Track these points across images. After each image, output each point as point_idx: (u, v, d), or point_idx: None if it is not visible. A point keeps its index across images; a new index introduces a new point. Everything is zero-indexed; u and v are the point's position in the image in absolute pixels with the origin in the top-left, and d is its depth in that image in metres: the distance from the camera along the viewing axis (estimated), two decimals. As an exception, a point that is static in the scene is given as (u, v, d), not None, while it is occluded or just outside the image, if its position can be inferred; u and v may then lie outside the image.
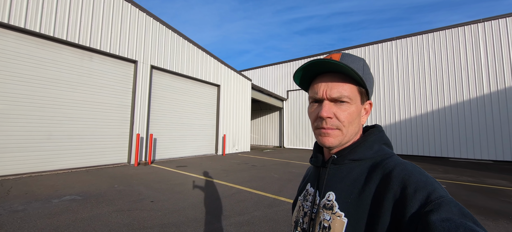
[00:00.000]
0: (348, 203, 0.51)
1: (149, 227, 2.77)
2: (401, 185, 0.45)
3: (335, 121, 0.53)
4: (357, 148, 0.56)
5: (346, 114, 0.53)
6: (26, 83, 5.48)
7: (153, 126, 8.21)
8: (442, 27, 12.11)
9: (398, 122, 12.94)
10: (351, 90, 0.53)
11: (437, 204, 0.39)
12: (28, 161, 5.41)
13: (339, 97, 0.53)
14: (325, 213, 0.53)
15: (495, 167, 8.56)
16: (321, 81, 0.55)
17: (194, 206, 3.56)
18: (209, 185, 4.92)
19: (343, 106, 0.53)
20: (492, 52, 10.84)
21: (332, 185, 0.56)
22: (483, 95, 10.86)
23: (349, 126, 0.54)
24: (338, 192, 0.54)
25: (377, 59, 13.96)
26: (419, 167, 0.48)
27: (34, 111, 5.57)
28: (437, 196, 0.40)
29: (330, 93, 0.53)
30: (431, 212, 0.38)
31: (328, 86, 0.53)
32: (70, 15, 6.14)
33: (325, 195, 0.56)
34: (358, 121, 0.56)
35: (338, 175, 0.56)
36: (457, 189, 5.07)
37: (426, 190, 0.42)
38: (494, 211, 3.63)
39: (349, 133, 0.55)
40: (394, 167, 0.49)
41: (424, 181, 0.43)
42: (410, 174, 0.45)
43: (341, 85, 0.53)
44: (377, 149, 0.55)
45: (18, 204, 3.42)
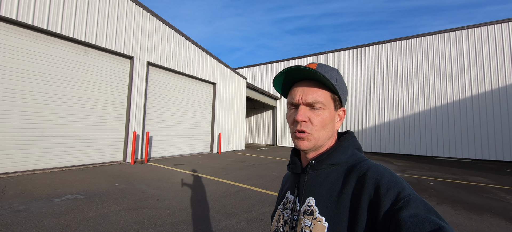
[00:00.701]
0: (328, 207, 0.53)
1: (161, 225, 2.81)
2: (375, 185, 0.48)
3: (309, 124, 0.56)
4: (334, 152, 0.58)
5: (319, 119, 0.56)
6: (18, 78, 5.25)
7: (149, 124, 8.09)
8: (429, 33, 12.73)
9: (387, 122, 13.50)
10: (325, 97, 0.57)
11: (406, 201, 0.43)
12: (20, 159, 5.20)
13: (313, 102, 0.56)
14: (306, 219, 0.54)
15: (475, 165, 9.19)
16: (298, 87, 0.58)
17: (200, 204, 3.62)
18: (211, 183, 4.98)
19: (317, 111, 0.56)
20: (474, 58, 11.56)
21: (312, 190, 0.58)
22: (465, 98, 11.57)
23: (321, 130, 0.56)
24: (318, 197, 0.55)
25: (367, 62, 14.44)
26: (389, 169, 0.52)
27: (26, 107, 5.35)
28: (406, 194, 0.44)
29: (305, 98, 0.56)
30: (401, 209, 0.42)
31: (304, 91, 0.57)
32: (65, 8, 5.91)
33: (305, 201, 0.57)
34: (331, 126, 0.58)
35: (316, 180, 0.58)
36: (444, 186, 5.43)
37: (396, 189, 0.46)
38: (478, 206, 3.96)
39: (322, 137, 0.57)
40: (368, 169, 0.52)
41: (394, 181, 0.47)
42: (382, 175, 0.49)
43: (316, 91, 0.56)
44: (351, 153, 0.58)
45: (18, 203, 3.32)
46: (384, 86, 13.77)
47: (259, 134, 19.00)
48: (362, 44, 14.72)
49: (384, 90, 13.74)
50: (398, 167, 8.25)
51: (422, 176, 6.67)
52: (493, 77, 11.12)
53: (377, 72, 14.06)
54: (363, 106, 14.33)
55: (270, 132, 18.34)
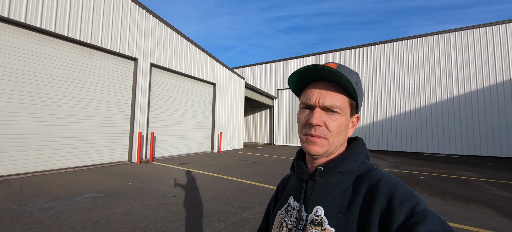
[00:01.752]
0: (338, 218, 0.50)
1: (184, 218, 3.05)
2: (388, 197, 0.46)
3: (324, 129, 0.53)
4: (344, 160, 0.55)
5: (335, 125, 0.53)
6: (26, 80, 5.32)
7: (152, 124, 8.23)
8: (419, 35, 13.35)
9: (380, 120, 14.08)
10: (343, 102, 0.54)
11: (422, 217, 0.41)
12: (30, 160, 5.29)
13: (331, 107, 0.53)
14: (314, 229, 0.51)
15: (462, 161, 9.82)
16: (315, 88, 0.55)
17: (215, 200, 3.87)
18: (219, 181, 5.23)
19: (333, 116, 0.53)
20: (461, 60, 12.25)
21: (320, 199, 0.54)
22: (452, 98, 12.26)
23: (336, 136, 0.54)
24: (327, 206, 0.53)
25: (362, 62, 14.97)
26: (402, 180, 0.50)
27: (34, 109, 5.42)
28: (421, 209, 0.42)
29: (323, 102, 0.53)
30: (416, 224, 0.40)
31: (321, 94, 0.53)
32: (71, 10, 5.98)
33: (313, 209, 0.54)
34: (345, 133, 0.56)
35: (325, 188, 0.55)
36: (434, 180, 5.89)
37: (411, 202, 0.44)
38: (466, 197, 4.39)
39: (335, 144, 0.54)
40: (380, 179, 0.50)
41: (409, 194, 0.45)
42: (396, 187, 0.47)
43: (334, 95, 0.53)
44: (361, 161, 0.56)
45: (42, 202, 3.48)
46: (377, 86, 14.33)
47: (256, 133, 19.30)
48: (356, 45, 15.24)
49: (377, 90, 14.30)
50: (392, 163, 8.73)
51: (414, 171, 7.14)
52: (478, 78, 11.83)
53: (371, 72, 14.61)
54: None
55: (267, 130, 18.66)
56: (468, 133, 11.80)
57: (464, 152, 11.82)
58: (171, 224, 2.88)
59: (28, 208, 3.22)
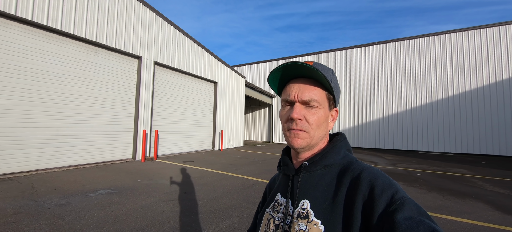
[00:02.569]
0: (324, 210, 0.52)
1: (200, 213, 3.19)
2: (369, 187, 0.48)
3: (304, 123, 0.55)
4: (328, 153, 0.58)
5: (315, 118, 0.55)
6: (33, 78, 5.33)
7: (155, 122, 8.29)
8: (416, 36, 13.66)
9: (377, 119, 14.39)
10: (321, 96, 0.56)
11: (400, 204, 0.43)
12: (37, 157, 5.32)
13: (309, 101, 0.55)
14: (301, 222, 0.53)
15: (455, 158, 10.18)
16: (294, 84, 0.57)
17: (226, 196, 4.01)
18: (226, 178, 5.36)
19: (312, 109, 0.55)
20: (456, 60, 12.60)
21: (306, 192, 0.56)
22: (447, 97, 12.62)
23: (316, 129, 0.56)
24: (313, 199, 0.54)
25: (359, 62, 15.23)
26: (382, 171, 0.52)
27: (41, 107, 5.44)
28: (400, 196, 0.45)
29: (301, 96, 0.55)
30: (396, 211, 0.43)
31: (300, 89, 0.56)
32: (77, 8, 5.99)
33: (299, 203, 0.56)
34: (325, 126, 0.58)
35: (310, 182, 0.57)
36: (431, 177, 6.14)
37: (390, 191, 0.46)
38: (461, 193, 4.64)
39: (316, 136, 0.56)
40: (362, 171, 0.52)
41: (388, 183, 0.48)
42: (377, 177, 0.49)
43: (312, 89, 0.56)
44: (344, 154, 0.58)
45: (57, 198, 3.56)
46: (374, 86, 14.62)
47: (255, 131, 19.45)
48: (354, 46, 15.49)
49: (374, 89, 14.60)
50: (389, 161, 9.00)
51: (411, 168, 7.41)
52: (472, 79, 12.21)
53: (368, 72, 14.89)
54: (355, 104, 15.14)
55: (266, 129, 18.84)
56: (462, 131, 12.19)
57: (458, 150, 12.22)
58: (189, 218, 3.02)
59: (45, 204, 3.31)
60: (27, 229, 2.57)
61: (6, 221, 2.74)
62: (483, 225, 3.05)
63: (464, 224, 3.11)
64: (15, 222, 2.72)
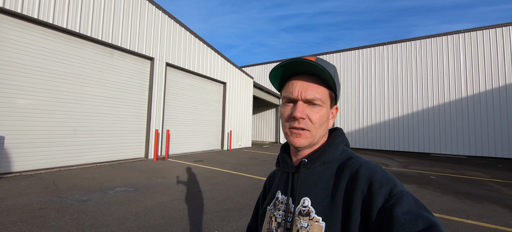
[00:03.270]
0: (324, 207, 0.52)
1: (216, 211, 3.25)
2: (368, 182, 0.48)
3: (307, 122, 0.54)
4: (326, 150, 0.57)
5: (318, 117, 0.54)
6: (53, 79, 5.55)
7: (167, 122, 8.45)
8: (428, 35, 13.37)
9: (387, 120, 14.16)
10: (324, 94, 0.55)
11: (399, 198, 0.43)
12: (57, 155, 5.53)
13: (313, 99, 0.54)
14: (302, 220, 0.53)
15: (470, 161, 9.90)
16: (297, 81, 0.56)
17: (239, 195, 4.07)
18: (237, 178, 5.42)
19: (315, 108, 0.54)
20: (470, 60, 12.26)
21: (306, 190, 0.56)
22: (461, 98, 12.29)
23: (319, 128, 0.55)
24: (313, 196, 0.54)
25: (369, 63, 15.03)
26: (380, 165, 0.52)
27: (59, 107, 5.66)
28: (398, 191, 0.45)
29: (305, 95, 0.54)
30: (394, 205, 0.43)
31: (303, 87, 0.54)
32: (94, 11, 6.20)
33: (300, 201, 0.55)
34: (326, 124, 0.57)
35: (310, 179, 0.56)
36: (445, 180, 6.01)
37: (389, 185, 0.46)
38: (478, 196, 4.53)
39: (318, 135, 0.56)
40: (360, 166, 0.52)
41: (387, 177, 0.48)
42: (375, 172, 0.49)
43: (315, 87, 0.54)
44: (342, 149, 0.58)
45: (78, 195, 3.71)
46: (384, 86, 14.39)
47: (263, 132, 19.48)
48: (363, 46, 15.30)
49: (384, 90, 14.37)
50: (400, 163, 8.85)
51: (423, 171, 7.27)
52: (487, 79, 11.85)
53: (378, 73, 14.67)
54: (364, 105, 14.94)
55: (273, 129, 18.84)
56: (476, 133, 11.85)
57: (472, 152, 11.87)
58: (205, 216, 3.08)
59: (68, 200, 3.45)
60: (54, 223, 2.70)
61: (33, 215, 2.88)
62: (503, 230, 2.98)
63: (484, 228, 3.05)
64: (42, 216, 2.86)
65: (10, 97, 4.87)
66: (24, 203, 3.26)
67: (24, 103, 5.07)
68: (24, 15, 4.99)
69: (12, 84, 4.90)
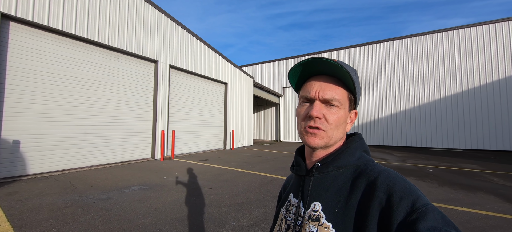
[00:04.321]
0: (336, 213, 0.50)
1: (229, 206, 3.49)
2: (387, 193, 0.45)
3: (323, 122, 0.53)
4: (341, 154, 0.55)
5: (335, 118, 0.53)
6: (63, 84, 5.73)
7: (171, 123, 8.65)
8: (424, 32, 13.68)
9: (385, 116, 14.49)
10: (343, 95, 0.54)
11: (423, 212, 0.40)
12: (69, 157, 5.73)
13: (330, 100, 0.53)
14: (311, 224, 0.52)
15: (466, 154, 10.25)
16: (315, 81, 0.55)
17: (248, 191, 4.31)
18: (244, 175, 5.66)
19: (333, 109, 0.53)
20: (465, 56, 12.60)
21: (317, 194, 0.55)
22: (456, 93, 12.65)
23: (335, 129, 0.54)
24: (324, 201, 0.53)
25: (366, 60, 15.32)
26: (401, 175, 0.48)
27: (70, 110, 5.84)
28: (422, 204, 0.42)
29: (322, 94, 0.53)
30: (418, 220, 0.39)
31: (321, 87, 0.54)
32: (100, 17, 6.37)
33: (311, 205, 0.55)
34: (343, 127, 0.56)
35: (323, 184, 0.55)
36: (441, 172, 6.31)
37: (411, 197, 0.43)
38: (472, 186, 4.82)
39: (334, 137, 0.55)
40: (379, 175, 0.49)
41: (408, 188, 0.45)
42: (395, 182, 0.46)
43: (334, 88, 0.54)
44: (359, 155, 0.56)
45: (98, 194, 3.92)
46: (382, 83, 14.70)
47: (263, 130, 19.74)
48: (360, 44, 15.58)
49: (382, 86, 14.69)
50: (399, 158, 9.16)
51: (421, 164, 7.57)
52: (481, 75, 12.20)
53: (376, 70, 14.98)
54: (363, 102, 15.25)
55: (274, 128, 19.10)
56: (471, 127, 12.22)
57: (468, 146, 12.25)
58: (220, 210, 3.32)
59: (89, 199, 3.66)
60: (83, 219, 2.91)
61: (61, 213, 3.09)
62: (494, 215, 3.26)
63: (476, 214, 3.32)
64: (70, 213, 3.07)
65: (24, 102, 5.05)
66: (48, 202, 3.46)
67: (38, 107, 5.25)
68: (34, 23, 5.16)
69: (26, 89, 5.08)
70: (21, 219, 2.86)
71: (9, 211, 3.10)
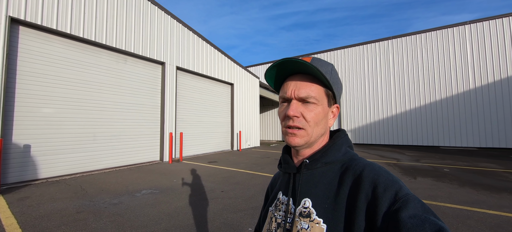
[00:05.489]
0: (326, 208, 0.51)
1: (244, 210, 3.37)
2: (372, 185, 0.47)
3: (301, 120, 0.54)
4: (328, 150, 0.57)
5: (312, 115, 0.54)
6: (72, 87, 5.71)
7: (179, 124, 8.60)
8: (433, 28, 13.32)
9: (395, 115, 14.16)
10: (319, 92, 0.55)
11: (404, 201, 0.43)
12: (79, 161, 5.71)
13: (306, 97, 0.54)
14: (303, 221, 0.52)
15: (481, 153, 9.89)
16: (291, 81, 0.56)
17: (261, 193, 4.18)
18: (254, 177, 5.54)
19: (309, 106, 0.54)
20: (477, 52, 12.21)
21: (307, 191, 0.55)
22: (469, 90, 12.25)
23: (315, 126, 0.55)
24: (314, 197, 0.54)
25: (374, 57, 15.02)
26: (384, 167, 0.51)
27: (80, 114, 5.82)
28: (403, 194, 0.44)
29: (298, 93, 0.54)
30: (400, 209, 0.42)
31: (297, 86, 0.55)
32: (108, 20, 6.35)
33: (301, 202, 0.55)
34: (324, 123, 0.57)
35: (312, 180, 0.56)
36: (459, 172, 6.06)
37: (394, 188, 0.45)
38: (495, 187, 4.58)
39: (315, 134, 0.55)
40: (364, 168, 0.51)
41: (391, 180, 0.47)
42: (379, 175, 0.48)
43: (309, 85, 0.54)
44: (345, 151, 0.57)
45: (109, 198, 3.85)
46: (391, 81, 14.38)
47: (269, 131, 19.59)
48: (367, 41, 15.28)
49: (391, 85, 14.36)
50: (411, 157, 8.89)
51: (436, 164, 7.31)
52: (495, 70, 11.79)
53: (384, 68, 14.66)
54: (372, 101, 14.95)
55: (280, 128, 18.92)
56: (485, 125, 11.81)
57: (482, 144, 11.84)
58: (234, 215, 3.20)
59: (100, 204, 3.59)
60: (95, 225, 2.84)
61: (73, 219, 3.02)
62: (527, 219, 3.05)
63: (506, 217, 3.12)
64: (82, 220, 3.00)
65: (35, 106, 5.04)
66: (60, 207, 3.41)
67: (48, 112, 5.24)
68: (43, 27, 5.15)
69: (36, 93, 5.07)
70: (33, 226, 2.80)
71: (21, 217, 3.04)
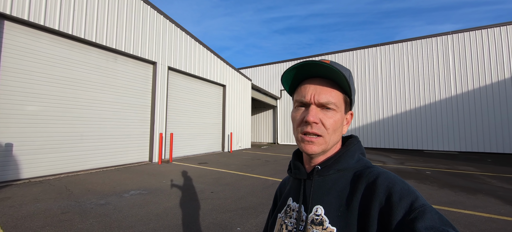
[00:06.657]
0: (339, 216, 0.50)
1: (233, 210, 3.41)
2: (386, 193, 0.46)
3: (320, 126, 0.52)
4: (341, 157, 0.55)
5: (332, 122, 0.52)
6: (59, 85, 5.57)
7: (170, 125, 8.52)
8: (419, 37, 13.94)
9: (381, 119, 14.63)
10: (338, 98, 0.53)
11: (421, 212, 0.41)
12: (65, 161, 5.55)
13: (326, 103, 0.52)
14: (315, 229, 0.51)
15: (462, 157, 10.40)
16: (310, 84, 0.54)
17: (251, 195, 4.23)
18: (245, 178, 5.59)
19: (329, 113, 0.52)
20: (458, 60, 12.87)
21: (319, 198, 0.54)
22: (451, 97, 12.88)
23: (333, 134, 0.53)
24: (327, 205, 0.52)
25: (363, 63, 15.50)
26: (400, 177, 0.49)
27: (67, 112, 5.68)
28: (420, 204, 0.42)
29: (318, 98, 0.52)
30: (416, 219, 0.40)
31: (316, 90, 0.52)
32: (98, 17, 6.25)
33: (313, 209, 0.53)
34: (340, 130, 0.55)
35: (323, 187, 0.54)
36: (440, 174, 6.36)
37: (410, 198, 0.44)
38: (472, 188, 4.86)
39: (331, 141, 0.54)
40: (378, 176, 0.49)
41: (407, 189, 0.45)
42: (394, 183, 0.47)
43: (329, 91, 0.52)
44: (358, 158, 0.56)
45: (95, 199, 3.79)
46: (378, 87, 14.87)
47: (261, 133, 19.68)
48: (356, 47, 15.77)
49: (378, 90, 14.85)
50: (397, 160, 9.23)
51: (419, 167, 7.63)
52: (474, 78, 12.47)
53: (372, 73, 15.15)
54: (359, 105, 15.39)
55: (271, 130, 19.07)
56: (466, 130, 12.44)
57: (462, 148, 12.45)
58: (224, 215, 3.24)
59: (87, 204, 3.53)
60: (81, 226, 2.79)
61: (58, 219, 2.96)
62: (497, 218, 3.27)
63: (480, 217, 3.33)
64: (67, 220, 2.94)
65: (17, 104, 4.87)
66: (44, 208, 3.32)
67: (32, 109, 5.08)
68: (30, 22, 5.01)
69: (19, 90, 4.91)
70: (15, 227, 2.72)
71: (2, 218, 2.95)
